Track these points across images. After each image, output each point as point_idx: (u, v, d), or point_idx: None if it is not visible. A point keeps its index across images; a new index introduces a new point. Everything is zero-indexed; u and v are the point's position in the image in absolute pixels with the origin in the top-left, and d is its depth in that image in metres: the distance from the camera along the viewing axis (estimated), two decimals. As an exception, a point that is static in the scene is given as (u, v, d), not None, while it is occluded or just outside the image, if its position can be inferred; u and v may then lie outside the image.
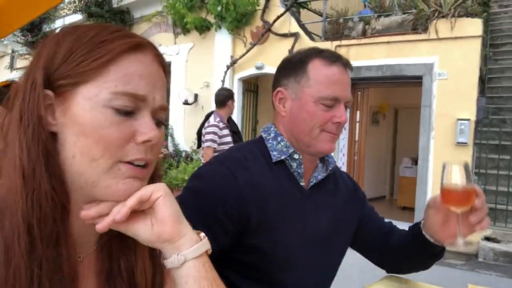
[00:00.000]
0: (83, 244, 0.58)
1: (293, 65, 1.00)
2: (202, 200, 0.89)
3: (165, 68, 0.60)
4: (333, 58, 0.97)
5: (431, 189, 5.28)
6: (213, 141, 3.86)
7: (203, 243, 0.57)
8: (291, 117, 0.99)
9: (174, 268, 0.55)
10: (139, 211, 0.55)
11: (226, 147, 3.82)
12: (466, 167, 0.85)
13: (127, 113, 0.53)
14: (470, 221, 0.87)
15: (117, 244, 0.60)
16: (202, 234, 0.59)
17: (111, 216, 0.52)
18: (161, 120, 0.58)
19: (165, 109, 0.58)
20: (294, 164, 0.99)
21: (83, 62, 0.52)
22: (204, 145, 3.89)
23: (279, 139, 1.01)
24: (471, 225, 0.88)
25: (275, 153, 0.99)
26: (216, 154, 3.76)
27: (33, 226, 0.49)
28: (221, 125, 3.94)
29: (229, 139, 3.96)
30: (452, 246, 0.92)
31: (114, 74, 0.52)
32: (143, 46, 0.56)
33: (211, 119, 4.00)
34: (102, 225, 0.52)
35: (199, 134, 4.24)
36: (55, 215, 0.51)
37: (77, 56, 0.53)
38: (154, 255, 0.62)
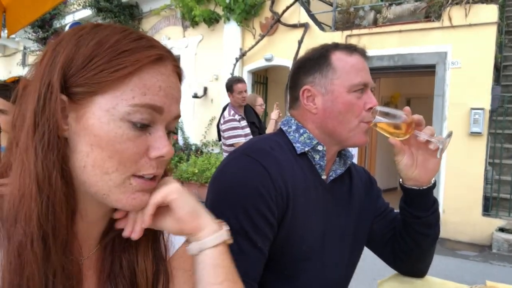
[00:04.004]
0: (85, 245, 0.58)
1: (315, 62, 1.00)
2: (242, 197, 0.86)
3: (181, 78, 0.60)
4: (352, 48, 1.00)
5: (443, 180, 5.20)
6: (238, 136, 3.74)
7: (221, 234, 0.60)
8: (325, 112, 0.98)
9: (194, 255, 0.59)
10: (162, 207, 0.57)
11: (247, 138, 3.75)
12: (376, 110, 0.93)
13: (143, 127, 0.52)
14: (421, 142, 0.93)
15: (119, 243, 0.60)
16: (224, 224, 0.62)
17: (139, 225, 0.56)
18: (172, 130, 0.58)
19: (178, 118, 0.58)
20: (317, 156, 0.99)
21: (102, 71, 0.50)
22: (230, 141, 3.75)
23: (301, 131, 1.00)
24: (425, 145, 0.94)
25: (298, 145, 0.98)
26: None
27: (48, 234, 0.48)
28: (237, 117, 3.82)
29: (248, 130, 3.85)
30: (438, 154, 0.95)
31: (133, 86, 0.51)
32: (164, 58, 0.55)
33: (225, 113, 3.88)
34: (136, 235, 0.56)
35: (218, 129, 4.13)
36: (67, 222, 0.51)
37: (96, 64, 0.50)
38: (158, 255, 0.62)
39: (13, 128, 0.52)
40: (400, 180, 1.03)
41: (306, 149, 0.98)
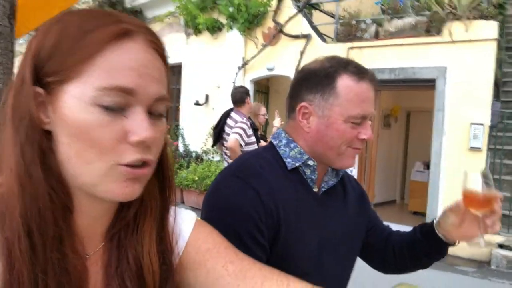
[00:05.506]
0: (89, 241, 0.56)
1: (319, 80, 0.97)
2: (232, 219, 0.87)
3: (164, 55, 0.54)
4: (361, 74, 0.96)
5: (443, 194, 5.20)
6: (241, 136, 3.76)
7: None
8: (317, 134, 0.97)
9: None
10: None
11: (252, 147, 3.79)
12: (486, 174, 0.94)
13: (117, 110, 0.49)
14: (485, 224, 0.93)
15: (124, 236, 0.58)
16: None
17: None
18: (160, 112, 0.53)
19: (164, 99, 0.53)
20: (308, 171, 0.99)
21: (67, 57, 0.48)
22: (231, 137, 3.74)
23: (291, 145, 1.00)
24: (484, 227, 0.94)
25: (289, 160, 0.98)
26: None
27: (32, 230, 0.47)
28: (248, 124, 3.86)
29: (253, 139, 3.90)
30: (474, 244, 0.99)
31: (98, 68, 0.48)
32: (133, 32, 0.50)
33: (237, 117, 3.87)
34: None
35: (217, 132, 4.10)
36: (56, 216, 0.49)
37: (61, 50, 0.48)
38: (164, 250, 0.60)
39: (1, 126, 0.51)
40: (435, 223, 1.05)
41: (297, 164, 0.97)
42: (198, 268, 0.62)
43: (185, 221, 0.66)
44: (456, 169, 5.07)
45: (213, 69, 7.70)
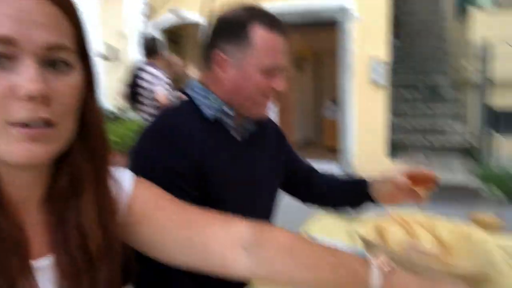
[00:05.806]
0: (26, 210, 0.55)
1: (233, 29, 0.97)
2: (160, 178, 0.85)
3: (60, 2, 0.51)
4: (274, 25, 0.97)
5: (352, 129, 5.64)
6: (168, 90, 3.55)
7: None
8: (232, 84, 0.98)
9: None
10: None
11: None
12: (421, 158, 1.13)
13: (2, 64, 0.46)
14: (416, 195, 1.11)
15: (64, 205, 0.56)
16: None
17: None
18: (62, 59, 0.50)
19: (60, 47, 0.50)
20: (227, 119, 1.01)
21: None
22: (159, 92, 3.50)
23: (208, 96, 1.00)
24: (415, 197, 1.12)
25: (207, 110, 0.99)
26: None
27: None
28: (167, 80, 3.61)
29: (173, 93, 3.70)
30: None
31: None
32: None
33: (153, 71, 3.57)
34: None
35: (131, 91, 3.81)
36: None
37: None
38: (106, 215, 0.59)
39: None
40: (369, 184, 1.19)
41: (215, 113, 0.99)
42: (143, 223, 0.64)
43: (124, 180, 0.66)
44: (361, 104, 5.50)
45: (114, 18, 7.05)
